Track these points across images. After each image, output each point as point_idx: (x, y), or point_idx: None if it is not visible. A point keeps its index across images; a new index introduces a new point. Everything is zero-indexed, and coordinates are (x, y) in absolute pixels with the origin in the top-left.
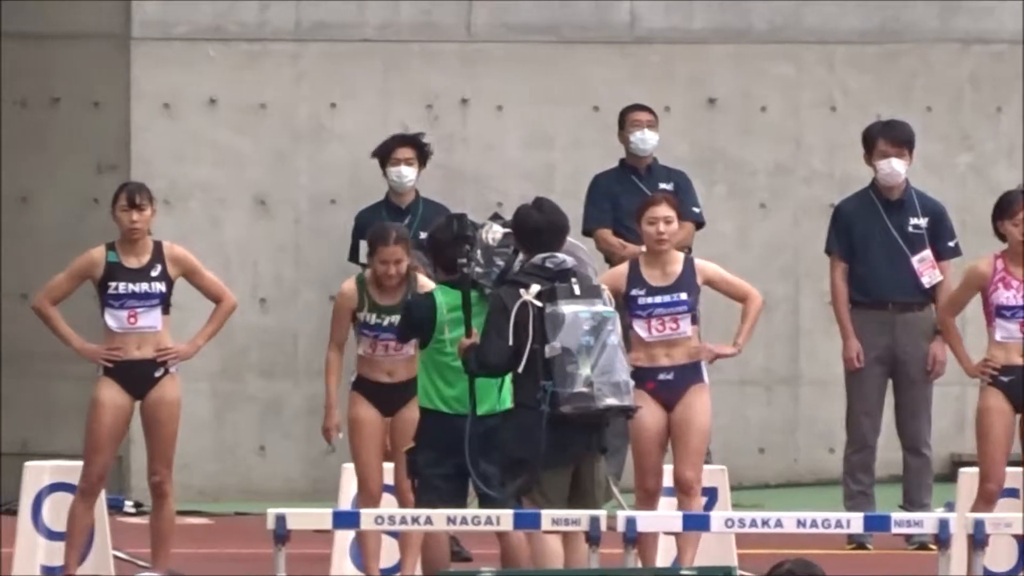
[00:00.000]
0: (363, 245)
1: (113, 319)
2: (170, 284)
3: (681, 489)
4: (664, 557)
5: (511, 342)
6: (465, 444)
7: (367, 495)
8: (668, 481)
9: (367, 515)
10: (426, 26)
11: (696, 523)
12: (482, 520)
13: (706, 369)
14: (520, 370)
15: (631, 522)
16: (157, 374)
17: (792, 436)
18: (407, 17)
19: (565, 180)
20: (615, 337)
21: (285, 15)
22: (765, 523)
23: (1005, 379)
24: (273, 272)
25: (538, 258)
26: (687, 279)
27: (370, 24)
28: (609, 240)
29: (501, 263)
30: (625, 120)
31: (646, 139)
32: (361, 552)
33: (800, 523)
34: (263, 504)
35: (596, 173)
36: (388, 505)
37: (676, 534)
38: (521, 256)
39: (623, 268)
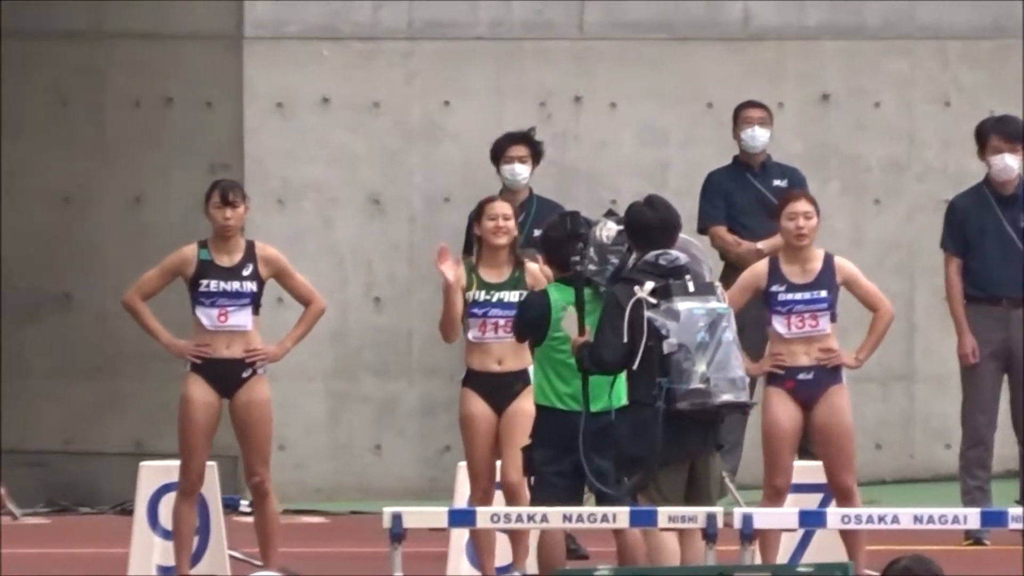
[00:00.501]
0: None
1: (204, 317)
2: (261, 284)
3: (842, 496)
4: (782, 555)
5: (626, 339)
6: (578, 440)
7: (479, 492)
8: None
9: (483, 513)
10: (538, 24)
11: (812, 520)
12: (598, 518)
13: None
14: (635, 367)
15: (747, 519)
16: (245, 374)
17: (908, 432)
18: (519, 15)
19: (679, 177)
20: (730, 333)
21: (398, 14)
22: (881, 519)
23: None
24: (387, 271)
25: (651, 255)
26: (827, 276)
27: (482, 22)
28: (723, 237)
29: (615, 261)
30: (738, 117)
31: (756, 136)
32: (476, 550)
33: (916, 519)
34: (379, 503)
35: (710, 170)
36: (498, 503)
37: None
38: (634, 254)
39: (763, 264)
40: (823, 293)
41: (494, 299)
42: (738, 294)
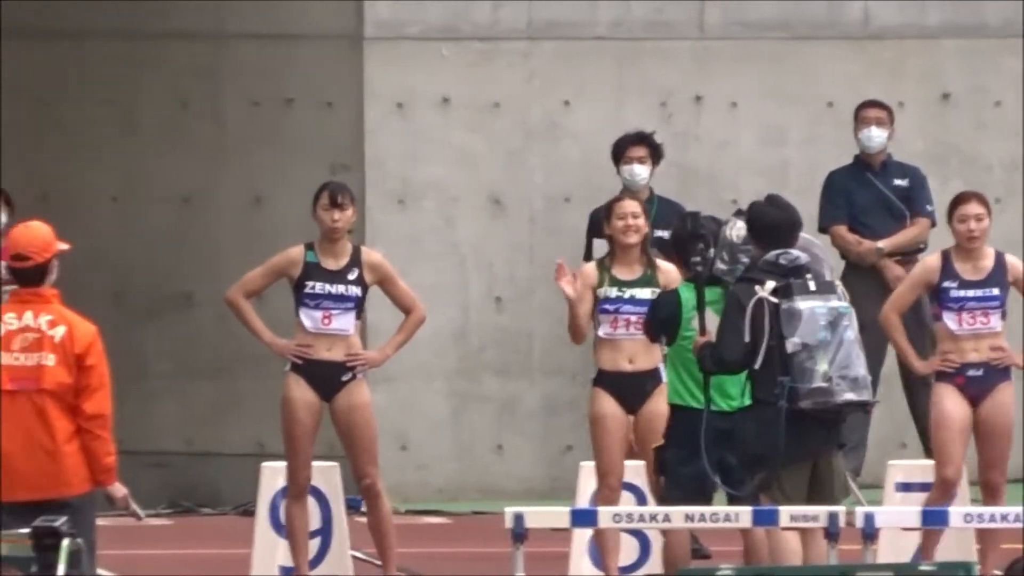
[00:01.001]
0: (597, 243)
1: (308, 319)
2: (365, 289)
3: (989, 492)
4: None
5: (747, 339)
6: (701, 440)
7: (607, 491)
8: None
9: (605, 513)
10: (658, 24)
11: (935, 519)
12: (720, 517)
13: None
14: (757, 366)
15: (869, 518)
16: (344, 378)
17: None
18: (639, 15)
19: (799, 177)
20: (852, 332)
21: (517, 14)
22: (1004, 518)
23: None
24: (508, 271)
25: (772, 254)
26: (999, 274)
27: (602, 22)
28: (844, 236)
29: (746, 260)
30: (857, 116)
31: (872, 136)
32: (600, 550)
33: None
34: (500, 503)
35: (830, 170)
36: (625, 503)
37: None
38: (752, 252)
39: (935, 260)
40: (995, 291)
41: (626, 296)
42: (908, 290)
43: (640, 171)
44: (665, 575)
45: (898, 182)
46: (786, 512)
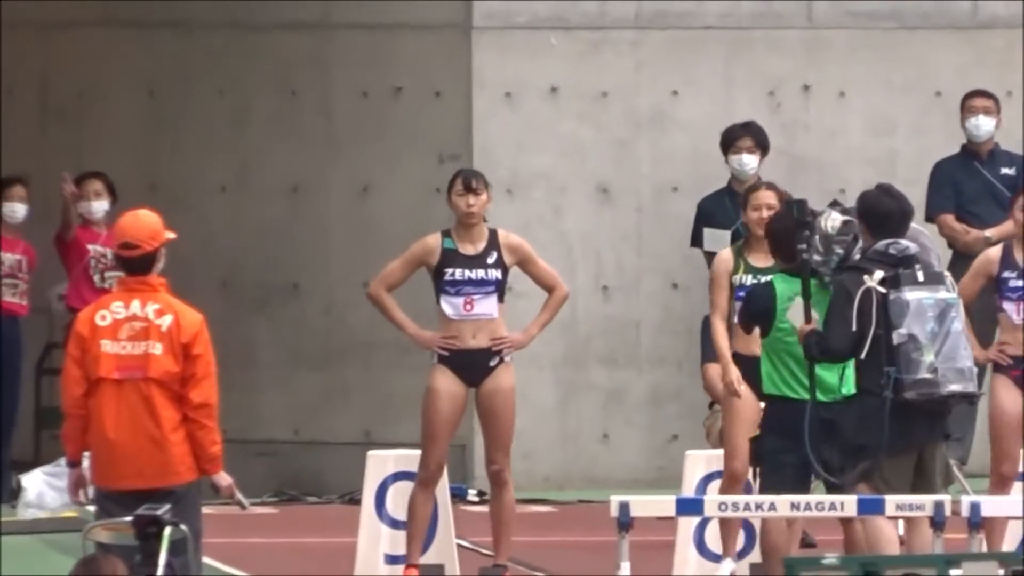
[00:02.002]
0: (707, 232)
1: (449, 306)
2: (505, 272)
3: None
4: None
5: (854, 328)
6: (804, 429)
7: (731, 476)
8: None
9: (711, 502)
10: (767, 14)
11: None
12: (825, 506)
13: None
14: (863, 356)
15: (975, 507)
16: (492, 363)
17: None
18: (748, 5)
19: (908, 166)
20: (959, 323)
21: (626, 4)
22: None
23: None
24: (615, 261)
25: (881, 244)
26: None
27: (711, 12)
28: (952, 226)
29: (840, 251)
30: (964, 106)
31: (979, 125)
32: (722, 531)
33: None
34: (606, 492)
35: (938, 159)
36: None
37: None
38: (860, 242)
39: (996, 251)
40: None
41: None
42: (970, 280)
43: (748, 160)
44: (765, 563)
45: (1005, 171)
46: (892, 501)
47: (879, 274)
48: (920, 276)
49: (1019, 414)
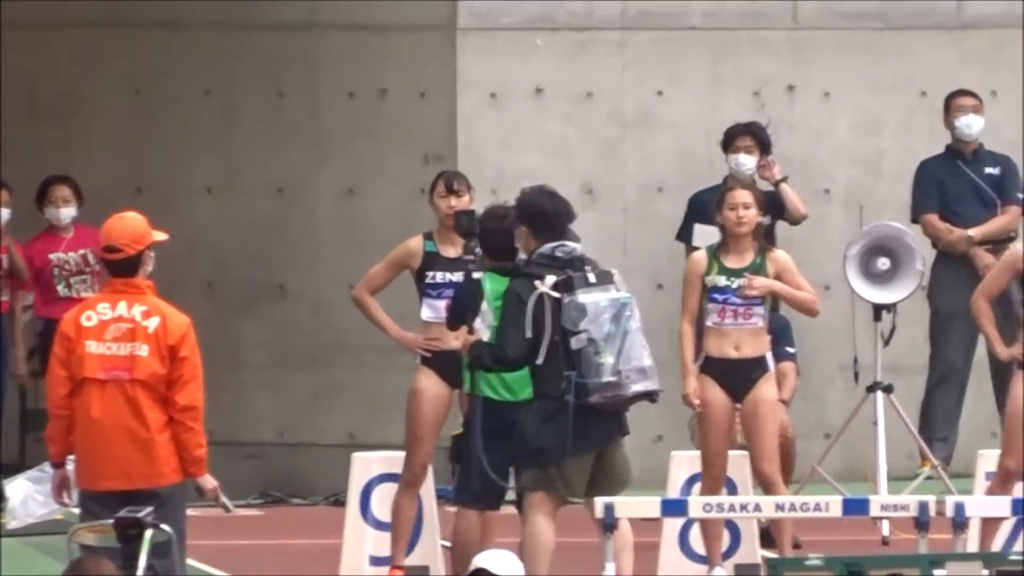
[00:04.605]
0: (697, 228)
1: (431, 308)
2: None
3: None
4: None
5: (529, 335)
6: (476, 432)
7: (711, 480)
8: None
9: (695, 503)
10: (753, 14)
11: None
12: (810, 507)
13: None
14: (540, 362)
15: (959, 507)
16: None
17: None
18: (733, 5)
19: (893, 165)
20: (635, 322)
21: (611, 4)
22: None
23: None
24: (601, 261)
25: (547, 247)
26: None
27: (696, 12)
28: (936, 225)
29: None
30: (950, 105)
31: (971, 124)
32: (704, 536)
33: None
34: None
35: (923, 159)
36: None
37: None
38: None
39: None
40: None
41: (734, 285)
42: (998, 275)
43: (746, 160)
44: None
45: (990, 171)
46: (877, 502)
47: (551, 279)
48: (591, 277)
49: None
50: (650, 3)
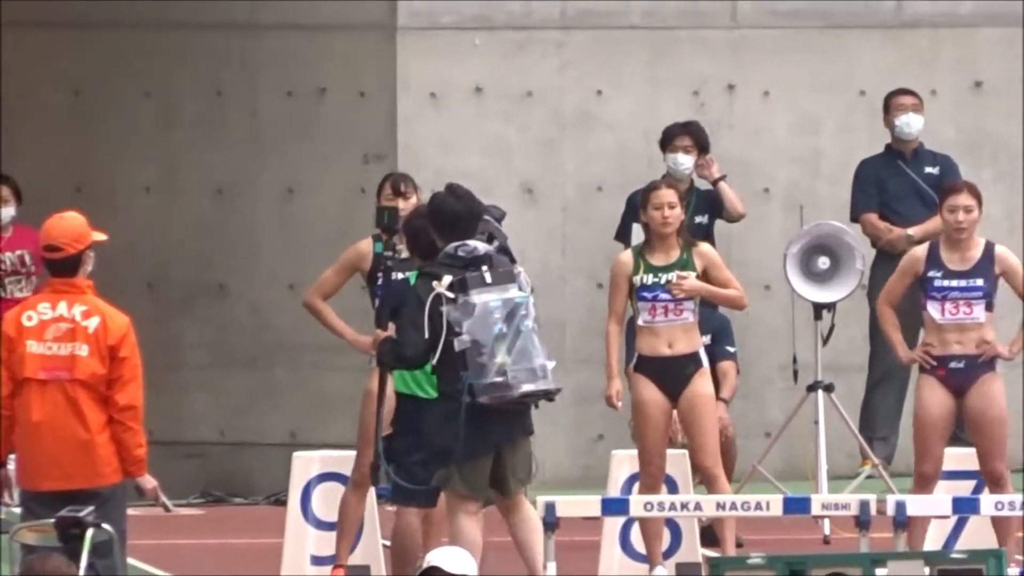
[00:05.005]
0: (636, 228)
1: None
2: None
3: (992, 481)
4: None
5: (427, 334)
6: (377, 433)
7: (650, 479)
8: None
9: (636, 501)
10: (692, 13)
11: (966, 507)
12: (752, 506)
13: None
14: (435, 362)
15: (900, 506)
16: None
17: None
18: (672, 5)
19: (832, 165)
20: (529, 321)
21: (550, 4)
22: None
23: None
24: (541, 260)
25: (451, 247)
26: (985, 265)
27: (635, 12)
28: (875, 224)
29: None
30: (890, 104)
31: (911, 123)
32: (644, 535)
33: None
34: (533, 492)
35: (863, 158)
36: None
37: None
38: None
39: (922, 250)
40: (979, 282)
41: (662, 281)
42: (897, 279)
43: (683, 160)
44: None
45: (929, 170)
46: (818, 500)
47: (447, 279)
48: (488, 278)
49: (943, 415)
50: (589, 3)
